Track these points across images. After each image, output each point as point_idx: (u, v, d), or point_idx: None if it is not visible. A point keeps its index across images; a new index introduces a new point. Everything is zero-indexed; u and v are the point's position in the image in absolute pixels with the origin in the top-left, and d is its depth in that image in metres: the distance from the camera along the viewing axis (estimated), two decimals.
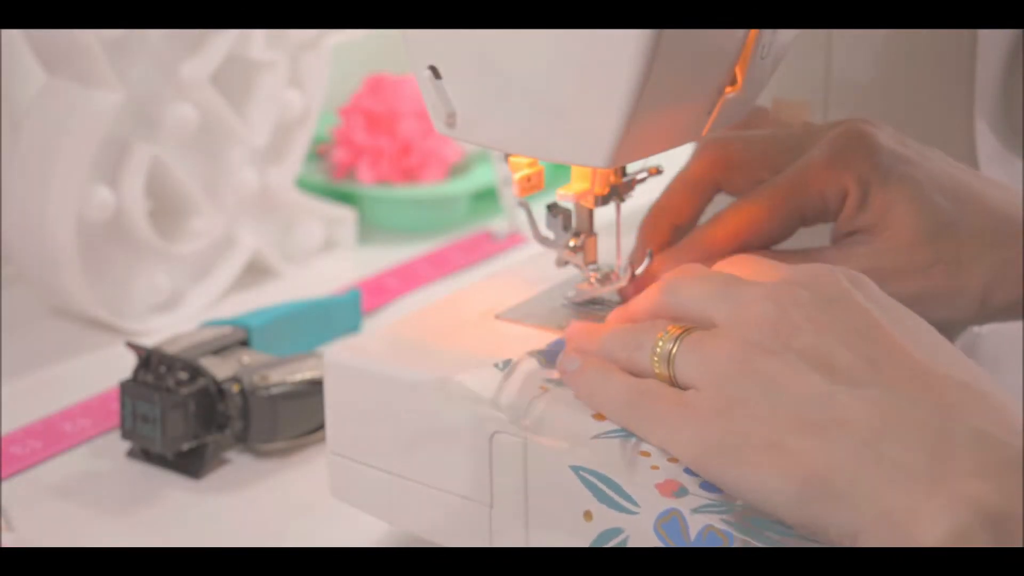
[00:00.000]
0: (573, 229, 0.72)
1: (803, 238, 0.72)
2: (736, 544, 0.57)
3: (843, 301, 0.59)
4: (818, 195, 0.71)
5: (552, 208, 0.71)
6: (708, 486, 0.59)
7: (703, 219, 0.73)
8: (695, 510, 0.58)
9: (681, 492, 0.59)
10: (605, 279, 0.71)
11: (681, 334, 0.61)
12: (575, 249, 0.72)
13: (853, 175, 0.71)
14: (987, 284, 0.71)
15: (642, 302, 0.65)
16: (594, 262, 0.72)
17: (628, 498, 0.60)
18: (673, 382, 0.61)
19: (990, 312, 0.72)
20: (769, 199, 0.71)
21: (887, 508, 0.52)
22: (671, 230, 0.73)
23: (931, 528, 0.51)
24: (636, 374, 0.62)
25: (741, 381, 0.57)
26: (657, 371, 0.61)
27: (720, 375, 0.58)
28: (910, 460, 0.53)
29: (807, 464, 0.54)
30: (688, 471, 0.59)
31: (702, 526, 0.58)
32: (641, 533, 0.60)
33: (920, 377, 0.56)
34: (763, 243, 0.71)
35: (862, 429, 0.54)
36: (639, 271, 0.71)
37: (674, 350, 0.60)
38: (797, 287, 0.60)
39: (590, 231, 0.72)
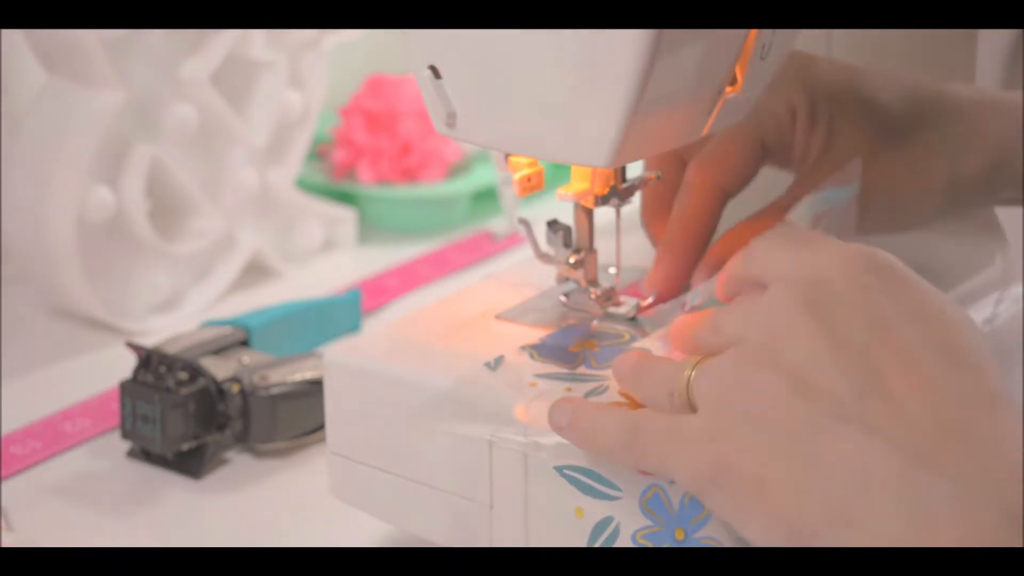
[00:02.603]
0: (573, 246, 0.71)
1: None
2: None
3: (851, 304, 0.56)
4: (770, 116, 0.71)
5: (552, 225, 0.71)
6: None
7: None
8: (673, 481, 0.58)
9: None
10: (605, 297, 0.71)
11: (700, 361, 0.59)
12: (575, 266, 0.72)
13: (799, 90, 0.72)
14: (953, 177, 0.73)
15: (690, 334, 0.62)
16: (594, 279, 0.72)
17: (610, 484, 0.61)
18: (694, 410, 0.59)
19: (960, 201, 0.74)
20: (730, 135, 0.71)
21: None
22: (703, 247, 0.72)
23: None
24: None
25: (730, 402, 0.56)
26: (679, 401, 0.59)
27: (715, 394, 0.57)
28: (886, 525, 0.52)
29: (787, 512, 0.53)
30: None
31: (682, 495, 0.59)
32: (629, 515, 0.60)
33: (903, 416, 0.53)
34: (736, 183, 0.72)
35: (840, 480, 0.53)
36: (646, 303, 0.71)
37: (692, 375, 0.58)
38: (810, 285, 0.57)
39: (590, 248, 0.72)
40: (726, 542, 0.58)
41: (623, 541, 0.61)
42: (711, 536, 0.59)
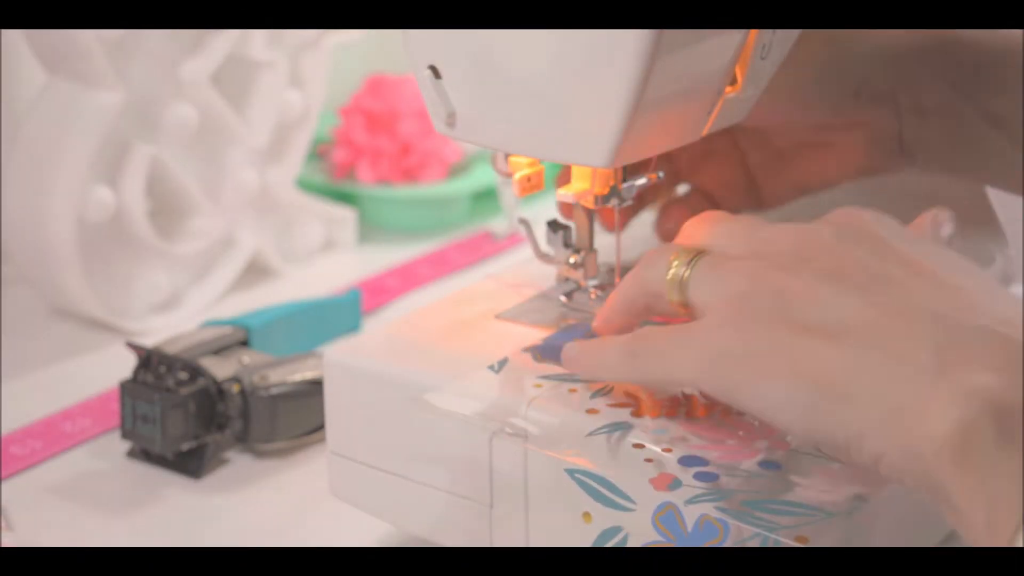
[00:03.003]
0: (573, 246, 0.71)
1: None
2: (731, 531, 0.57)
3: (864, 234, 0.58)
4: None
5: (552, 225, 0.72)
6: (702, 476, 0.59)
7: None
8: (689, 501, 0.58)
9: (675, 484, 0.59)
10: (605, 297, 0.71)
11: (694, 258, 0.59)
12: (575, 266, 0.72)
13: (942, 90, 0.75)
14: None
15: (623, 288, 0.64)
16: (595, 278, 0.72)
17: (624, 496, 0.60)
18: (687, 309, 0.59)
19: None
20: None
21: (894, 404, 0.52)
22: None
23: (939, 422, 0.51)
24: (652, 306, 0.62)
25: (752, 294, 0.57)
26: (670, 297, 0.60)
27: (731, 293, 0.57)
28: (917, 355, 0.53)
29: (814, 366, 0.54)
30: (682, 462, 0.60)
31: (697, 516, 0.58)
32: (640, 529, 0.60)
33: (933, 285, 0.56)
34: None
35: (870, 329, 0.54)
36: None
37: (687, 274, 0.59)
38: (819, 224, 0.59)
39: (590, 247, 0.72)
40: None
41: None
42: None
